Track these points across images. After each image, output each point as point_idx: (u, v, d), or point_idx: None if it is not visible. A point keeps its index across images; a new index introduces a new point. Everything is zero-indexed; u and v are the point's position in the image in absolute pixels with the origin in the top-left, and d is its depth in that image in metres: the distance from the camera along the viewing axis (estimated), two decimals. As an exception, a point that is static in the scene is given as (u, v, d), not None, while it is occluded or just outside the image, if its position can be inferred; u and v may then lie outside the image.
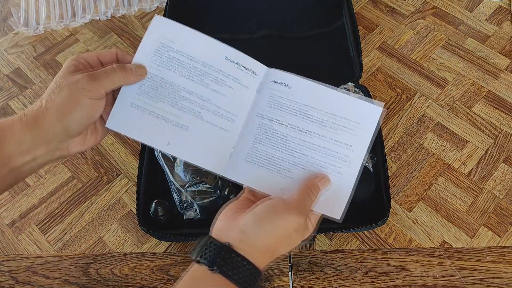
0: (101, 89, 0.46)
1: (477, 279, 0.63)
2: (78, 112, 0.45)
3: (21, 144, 0.45)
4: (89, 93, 0.45)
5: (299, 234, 0.46)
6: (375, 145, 0.69)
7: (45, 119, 0.45)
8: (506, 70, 0.81)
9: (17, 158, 0.45)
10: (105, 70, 0.47)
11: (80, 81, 0.45)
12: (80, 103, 0.45)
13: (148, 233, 0.64)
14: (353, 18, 0.82)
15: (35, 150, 0.45)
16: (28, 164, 0.46)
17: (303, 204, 0.47)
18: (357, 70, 0.77)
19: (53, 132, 0.45)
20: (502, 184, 0.70)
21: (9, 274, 0.65)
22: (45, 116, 0.45)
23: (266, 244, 0.44)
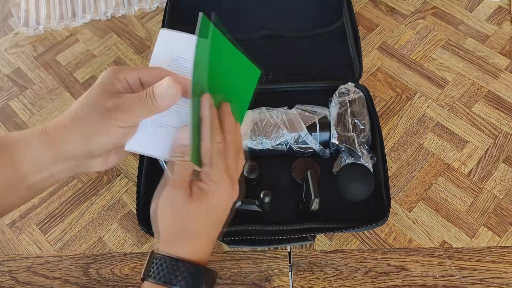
0: (135, 119, 0.44)
1: (477, 279, 0.63)
2: (106, 138, 0.42)
3: (40, 162, 0.42)
4: (121, 123, 0.42)
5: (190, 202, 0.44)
6: (375, 145, 0.69)
7: (68, 140, 0.41)
8: (506, 70, 0.81)
9: (35, 174, 0.42)
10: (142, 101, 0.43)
11: (115, 111, 0.41)
12: (110, 131, 0.42)
13: (148, 233, 0.64)
14: (353, 18, 0.82)
15: (54, 167, 0.43)
16: (45, 180, 0.44)
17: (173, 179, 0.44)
18: (357, 70, 0.77)
19: (75, 153, 0.42)
20: (502, 184, 0.71)
21: (9, 274, 0.65)
22: (68, 137, 0.41)
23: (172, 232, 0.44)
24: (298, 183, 0.67)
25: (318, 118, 0.68)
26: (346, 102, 0.70)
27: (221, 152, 0.44)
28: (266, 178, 0.69)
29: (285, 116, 0.68)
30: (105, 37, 0.88)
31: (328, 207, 0.66)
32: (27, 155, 0.41)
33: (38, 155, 0.42)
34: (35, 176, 0.43)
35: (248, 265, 0.65)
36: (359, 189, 0.64)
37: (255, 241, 0.64)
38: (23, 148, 0.42)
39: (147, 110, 0.43)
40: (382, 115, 0.77)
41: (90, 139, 0.42)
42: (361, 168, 0.65)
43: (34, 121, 0.78)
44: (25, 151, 0.41)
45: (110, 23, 0.90)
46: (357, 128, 0.68)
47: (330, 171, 0.69)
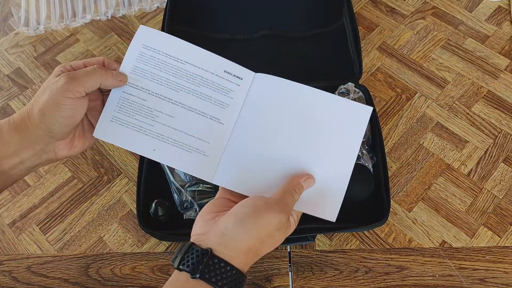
0: (80, 87, 0.46)
1: (477, 279, 0.63)
2: (59, 112, 0.46)
3: (9, 146, 0.46)
4: (68, 93, 0.46)
5: (281, 232, 0.45)
6: (375, 145, 0.69)
7: (29, 121, 0.46)
8: (505, 70, 0.81)
9: (5, 160, 0.46)
10: (85, 70, 0.48)
11: (59, 80, 0.46)
12: (60, 103, 0.46)
13: (148, 233, 0.64)
14: (353, 18, 0.82)
15: (22, 152, 0.46)
16: (16, 167, 0.47)
17: (285, 202, 0.46)
18: (357, 70, 0.77)
19: (37, 133, 0.46)
20: (502, 184, 0.71)
21: (10, 274, 0.65)
22: (29, 118, 0.46)
23: (248, 245, 0.44)
24: (298, 183, 0.67)
25: (318, 118, 0.68)
26: (346, 102, 0.70)
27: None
28: (266, 178, 0.69)
29: (285, 116, 0.68)
30: (105, 37, 0.88)
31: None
32: None
33: (7, 140, 0.45)
34: (6, 162, 0.46)
35: (248, 265, 0.65)
36: (359, 189, 0.64)
37: (255, 241, 0.64)
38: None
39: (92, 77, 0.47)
40: (382, 115, 0.77)
41: (45, 115, 0.46)
42: (361, 168, 0.65)
43: (34, 121, 0.78)
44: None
45: (110, 23, 0.90)
46: (357, 128, 0.68)
47: (330, 171, 0.69)
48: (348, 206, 0.66)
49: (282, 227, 0.45)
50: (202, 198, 0.63)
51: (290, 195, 0.46)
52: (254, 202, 0.45)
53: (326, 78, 0.78)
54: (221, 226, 0.44)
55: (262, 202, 0.45)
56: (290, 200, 0.46)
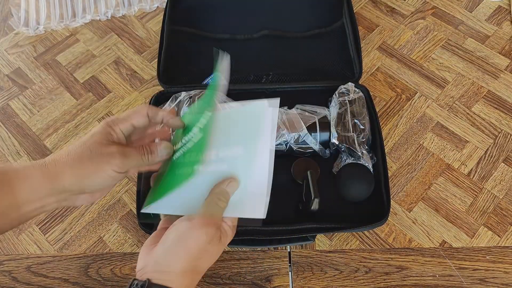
0: (129, 168, 0.47)
1: (477, 279, 0.63)
2: (99, 180, 0.46)
3: (36, 193, 0.45)
4: (117, 169, 0.46)
5: (214, 244, 0.46)
6: (375, 145, 0.69)
7: (65, 176, 0.45)
8: (505, 70, 0.81)
9: (28, 204, 0.45)
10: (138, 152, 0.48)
11: (113, 157, 0.45)
12: (106, 175, 0.46)
13: (148, 233, 0.64)
14: (353, 18, 0.82)
15: (46, 199, 0.45)
16: (35, 210, 0.46)
17: (210, 214, 0.46)
18: (357, 70, 0.77)
19: (69, 188, 0.46)
20: (502, 184, 0.71)
21: (10, 274, 0.65)
22: (66, 174, 0.45)
23: (183, 266, 0.44)
24: (298, 183, 0.67)
25: (318, 118, 0.68)
26: (346, 102, 0.70)
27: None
28: (266, 178, 0.69)
29: (285, 116, 0.68)
30: (105, 37, 0.88)
31: (328, 207, 0.66)
32: (26, 186, 0.44)
33: (36, 187, 0.44)
34: (28, 206, 0.45)
35: (248, 265, 0.65)
36: (359, 189, 0.64)
37: (255, 241, 0.64)
38: (23, 178, 0.44)
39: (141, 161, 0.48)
40: (382, 115, 0.77)
41: (85, 179, 0.45)
42: (361, 168, 0.65)
43: (34, 121, 0.78)
44: (24, 182, 0.44)
45: (110, 23, 0.90)
46: (357, 128, 0.68)
47: (330, 171, 0.69)
48: (348, 206, 0.67)
49: (212, 240, 0.45)
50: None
51: (214, 205, 0.46)
52: (178, 225, 0.46)
53: (326, 78, 0.78)
54: (154, 255, 0.46)
55: (185, 223, 0.46)
56: (216, 209, 0.46)
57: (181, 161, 0.49)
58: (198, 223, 0.45)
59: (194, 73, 0.80)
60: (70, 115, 0.79)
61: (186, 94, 0.71)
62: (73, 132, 0.77)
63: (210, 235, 0.45)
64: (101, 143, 0.46)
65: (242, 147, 0.49)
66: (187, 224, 0.45)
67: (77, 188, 0.46)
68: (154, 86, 0.82)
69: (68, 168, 0.45)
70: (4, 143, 0.76)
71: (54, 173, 0.45)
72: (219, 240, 0.46)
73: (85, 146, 0.46)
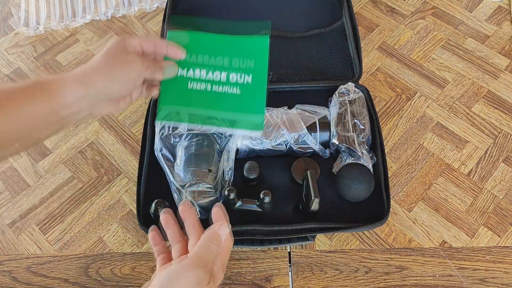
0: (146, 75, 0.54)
1: (477, 279, 0.63)
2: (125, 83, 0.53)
3: (72, 98, 0.49)
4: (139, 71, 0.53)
5: (203, 286, 0.46)
6: (375, 145, 0.69)
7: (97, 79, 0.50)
8: (505, 70, 0.81)
9: (66, 109, 0.49)
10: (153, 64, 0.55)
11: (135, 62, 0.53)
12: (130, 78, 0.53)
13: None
14: (353, 18, 0.82)
15: (81, 104, 0.50)
16: (72, 116, 0.50)
17: (201, 256, 0.47)
18: (357, 70, 0.77)
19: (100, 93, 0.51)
20: (502, 184, 0.71)
21: (10, 274, 0.65)
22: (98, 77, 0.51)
23: None
24: (298, 183, 0.67)
25: (318, 118, 0.68)
26: (346, 102, 0.70)
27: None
28: (266, 178, 0.69)
29: (285, 116, 0.68)
30: (105, 37, 0.88)
31: (328, 207, 0.66)
32: (64, 92, 0.49)
33: (73, 92, 0.49)
34: (66, 111, 0.50)
35: (248, 265, 0.65)
36: (359, 189, 0.64)
37: (255, 241, 0.64)
38: (61, 85, 0.49)
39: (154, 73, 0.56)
40: (382, 115, 0.77)
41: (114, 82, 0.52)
42: (361, 168, 0.65)
43: (34, 121, 0.78)
44: (62, 88, 0.49)
45: (110, 23, 0.90)
46: (357, 128, 0.68)
47: (330, 171, 0.69)
48: (348, 206, 0.67)
49: (202, 281, 0.45)
50: (202, 198, 0.63)
51: (206, 249, 0.48)
52: (168, 270, 0.47)
53: (326, 78, 0.78)
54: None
55: (176, 267, 0.46)
56: (206, 253, 0.47)
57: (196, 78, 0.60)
58: (189, 265, 0.46)
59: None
60: (70, 115, 0.79)
61: (186, 94, 0.71)
62: (73, 132, 0.77)
63: (200, 277, 0.45)
64: (122, 52, 0.52)
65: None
66: (178, 266, 0.46)
67: (106, 93, 0.52)
68: (154, 86, 0.82)
69: (98, 74, 0.51)
70: (4, 143, 0.76)
71: (87, 80, 0.50)
72: (208, 283, 0.46)
73: (109, 55, 0.52)
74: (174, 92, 0.59)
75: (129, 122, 0.78)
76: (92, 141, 0.76)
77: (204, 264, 0.46)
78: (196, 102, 0.59)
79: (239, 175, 0.68)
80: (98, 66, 0.51)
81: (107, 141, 0.76)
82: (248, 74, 0.61)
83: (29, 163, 0.74)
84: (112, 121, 0.78)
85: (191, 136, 0.66)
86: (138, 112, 0.79)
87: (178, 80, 0.59)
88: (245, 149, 0.68)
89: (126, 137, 0.76)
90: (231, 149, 0.66)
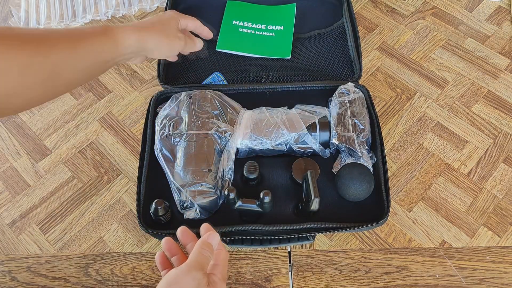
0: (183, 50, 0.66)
1: (477, 279, 0.63)
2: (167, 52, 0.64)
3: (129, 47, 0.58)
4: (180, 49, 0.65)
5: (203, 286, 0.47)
6: (375, 145, 0.69)
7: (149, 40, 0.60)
8: (505, 70, 0.81)
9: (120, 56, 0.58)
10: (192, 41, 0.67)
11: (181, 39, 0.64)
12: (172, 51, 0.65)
13: (148, 233, 0.64)
14: (353, 18, 0.82)
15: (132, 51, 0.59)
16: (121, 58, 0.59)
17: (198, 262, 0.48)
18: (357, 70, 0.77)
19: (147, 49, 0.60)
20: (502, 184, 0.71)
21: (10, 274, 0.65)
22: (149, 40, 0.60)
23: None
24: (298, 183, 0.67)
25: (318, 118, 0.68)
26: (346, 102, 0.70)
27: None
28: (266, 178, 0.69)
29: (285, 116, 0.68)
30: (105, 37, 0.88)
31: (328, 207, 0.66)
32: (125, 41, 0.57)
33: (130, 41, 0.58)
34: (120, 58, 0.58)
35: (248, 264, 0.65)
36: (359, 189, 0.64)
37: (255, 241, 0.64)
38: (123, 35, 0.57)
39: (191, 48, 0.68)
40: (382, 115, 0.77)
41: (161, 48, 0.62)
42: (361, 168, 0.65)
43: (34, 121, 0.78)
44: (124, 38, 0.57)
45: (110, 23, 0.90)
46: (357, 128, 0.68)
47: (330, 171, 0.69)
48: (348, 206, 0.67)
49: (200, 283, 0.47)
50: (202, 198, 0.63)
51: (199, 254, 0.49)
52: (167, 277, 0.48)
53: (326, 78, 0.78)
54: None
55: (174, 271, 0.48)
56: (200, 257, 0.49)
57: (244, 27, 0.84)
58: (185, 269, 0.47)
59: (194, 73, 0.80)
60: (70, 115, 0.79)
61: (186, 94, 0.71)
62: (73, 132, 0.77)
63: (197, 279, 0.47)
64: (174, 27, 0.64)
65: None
66: (176, 271, 0.48)
67: (150, 52, 0.61)
68: (154, 86, 0.82)
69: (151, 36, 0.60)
70: (4, 143, 0.76)
71: (142, 36, 0.59)
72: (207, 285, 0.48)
73: (163, 24, 0.62)
74: (229, 34, 0.82)
75: (129, 122, 0.78)
76: (92, 141, 0.76)
77: (200, 267, 0.48)
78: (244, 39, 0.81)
79: (239, 175, 0.68)
80: (152, 30, 0.61)
81: (107, 141, 0.76)
82: (280, 25, 0.84)
83: (29, 163, 0.74)
84: (112, 121, 0.78)
85: (191, 136, 0.66)
86: (138, 112, 0.79)
87: (233, 26, 0.83)
88: (245, 149, 0.68)
89: (126, 137, 0.76)
90: (231, 149, 0.66)
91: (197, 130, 0.66)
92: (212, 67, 0.80)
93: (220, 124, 0.67)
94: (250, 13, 0.85)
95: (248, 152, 0.68)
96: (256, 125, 0.68)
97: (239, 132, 0.67)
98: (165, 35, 0.62)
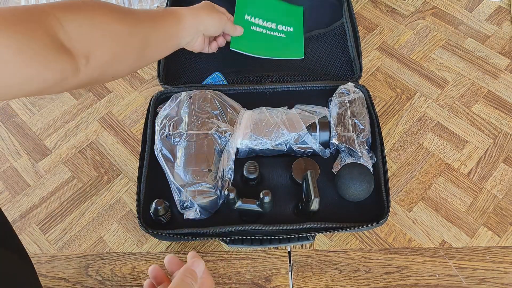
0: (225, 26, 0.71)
1: (477, 278, 0.63)
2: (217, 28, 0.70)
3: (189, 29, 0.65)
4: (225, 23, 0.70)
5: None
6: (375, 145, 0.69)
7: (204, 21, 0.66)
8: (505, 70, 0.81)
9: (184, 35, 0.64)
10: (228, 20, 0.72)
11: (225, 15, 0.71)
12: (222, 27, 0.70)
13: (148, 232, 0.64)
14: (353, 18, 0.82)
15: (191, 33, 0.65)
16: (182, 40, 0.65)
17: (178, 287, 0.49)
18: (357, 70, 0.77)
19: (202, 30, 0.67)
20: (502, 184, 0.71)
21: (10, 274, 0.65)
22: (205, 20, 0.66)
23: None
24: (298, 183, 0.67)
25: (318, 118, 0.68)
26: (346, 102, 0.70)
27: None
28: (266, 178, 0.69)
29: (285, 116, 0.68)
30: (105, 37, 0.88)
31: (328, 207, 0.66)
32: (184, 20, 0.64)
33: (190, 24, 0.64)
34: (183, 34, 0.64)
35: (248, 264, 0.65)
36: (359, 189, 0.64)
37: (255, 240, 0.64)
38: (181, 16, 0.64)
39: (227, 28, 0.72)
40: (382, 115, 0.77)
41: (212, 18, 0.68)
42: (361, 168, 0.65)
43: (34, 121, 0.78)
44: (185, 20, 0.64)
45: (110, 23, 0.90)
46: (357, 128, 0.68)
47: (330, 171, 0.69)
48: (348, 206, 0.67)
49: None
50: (202, 198, 0.63)
51: (182, 282, 0.49)
52: None
53: (326, 78, 0.78)
54: None
55: None
56: (182, 285, 0.49)
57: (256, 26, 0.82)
58: None
59: (194, 73, 0.80)
60: (70, 115, 0.79)
61: (186, 94, 0.71)
62: (73, 132, 0.77)
63: None
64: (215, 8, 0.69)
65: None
66: None
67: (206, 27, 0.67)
68: (154, 86, 0.82)
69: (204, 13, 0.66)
70: (4, 142, 0.76)
71: (197, 15, 0.65)
72: None
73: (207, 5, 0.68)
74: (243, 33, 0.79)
75: (129, 122, 0.78)
76: (92, 141, 0.76)
77: None
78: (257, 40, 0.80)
79: (239, 175, 0.68)
80: (202, 9, 0.67)
81: (107, 141, 0.76)
82: (290, 26, 0.84)
83: (29, 163, 0.74)
84: (112, 121, 0.78)
85: (191, 136, 0.66)
86: (138, 112, 0.79)
87: (245, 22, 0.81)
88: (245, 149, 0.68)
89: (126, 137, 0.76)
90: (231, 149, 0.66)
91: (197, 130, 0.66)
92: (212, 67, 0.80)
93: (220, 124, 0.67)
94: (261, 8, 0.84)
95: (248, 152, 0.68)
96: (256, 125, 0.68)
97: (239, 132, 0.67)
98: (214, 11, 0.68)
